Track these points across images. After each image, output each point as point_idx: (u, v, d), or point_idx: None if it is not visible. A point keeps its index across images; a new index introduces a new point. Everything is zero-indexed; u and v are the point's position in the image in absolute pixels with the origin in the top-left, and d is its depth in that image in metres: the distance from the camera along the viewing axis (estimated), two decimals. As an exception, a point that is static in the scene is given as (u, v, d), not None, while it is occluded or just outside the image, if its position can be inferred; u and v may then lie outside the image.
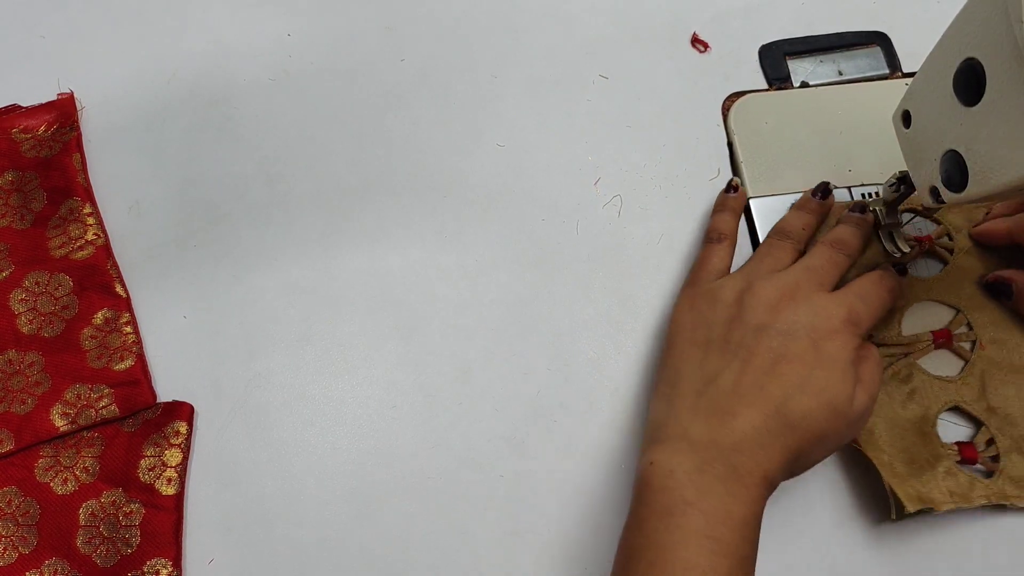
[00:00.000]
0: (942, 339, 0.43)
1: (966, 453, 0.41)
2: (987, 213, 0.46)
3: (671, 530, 0.33)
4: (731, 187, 0.46)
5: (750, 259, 0.43)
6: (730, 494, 0.33)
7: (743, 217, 0.47)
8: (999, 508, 0.41)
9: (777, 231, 0.44)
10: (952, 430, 0.42)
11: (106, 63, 0.50)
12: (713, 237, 0.44)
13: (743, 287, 0.39)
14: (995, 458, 0.41)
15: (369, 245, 0.46)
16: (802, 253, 0.43)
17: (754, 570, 0.34)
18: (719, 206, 0.46)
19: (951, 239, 0.45)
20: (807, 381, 0.36)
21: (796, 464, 0.36)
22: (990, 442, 0.41)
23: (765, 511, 0.35)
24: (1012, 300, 0.43)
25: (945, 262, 0.45)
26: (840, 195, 0.47)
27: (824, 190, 0.45)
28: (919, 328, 0.43)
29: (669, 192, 0.48)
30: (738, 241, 0.47)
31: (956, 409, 0.42)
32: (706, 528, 0.32)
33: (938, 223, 0.46)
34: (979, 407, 0.42)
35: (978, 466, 0.41)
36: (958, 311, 0.44)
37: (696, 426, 0.36)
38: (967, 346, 0.43)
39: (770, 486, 0.35)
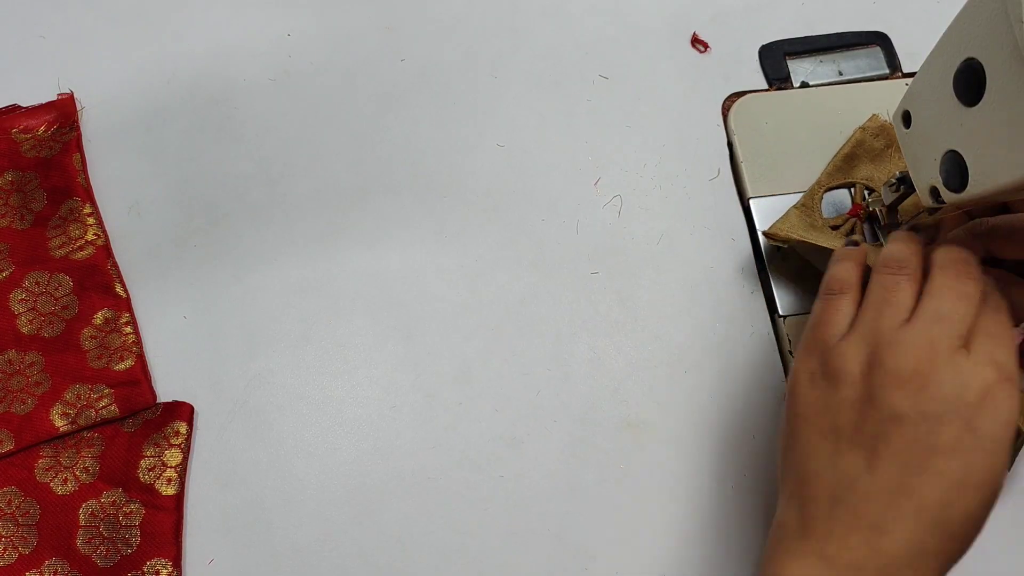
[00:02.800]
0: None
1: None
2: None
3: None
4: (852, 242, 0.40)
5: (865, 305, 0.34)
6: None
7: (743, 218, 0.47)
8: None
9: (886, 261, 0.35)
10: None
11: (106, 63, 0.50)
12: (835, 288, 0.35)
13: (868, 355, 0.32)
14: None
15: (369, 245, 0.46)
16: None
17: None
18: (839, 257, 0.37)
19: None
20: (968, 477, 0.29)
21: (947, 572, 0.31)
22: None
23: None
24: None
25: None
26: (840, 195, 0.47)
27: (918, 228, 0.38)
28: None
29: (669, 192, 0.48)
30: (738, 243, 0.47)
31: None
32: None
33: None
34: None
35: None
36: None
37: (834, 544, 0.30)
38: None
39: None
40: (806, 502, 0.32)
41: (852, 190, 0.47)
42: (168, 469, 0.41)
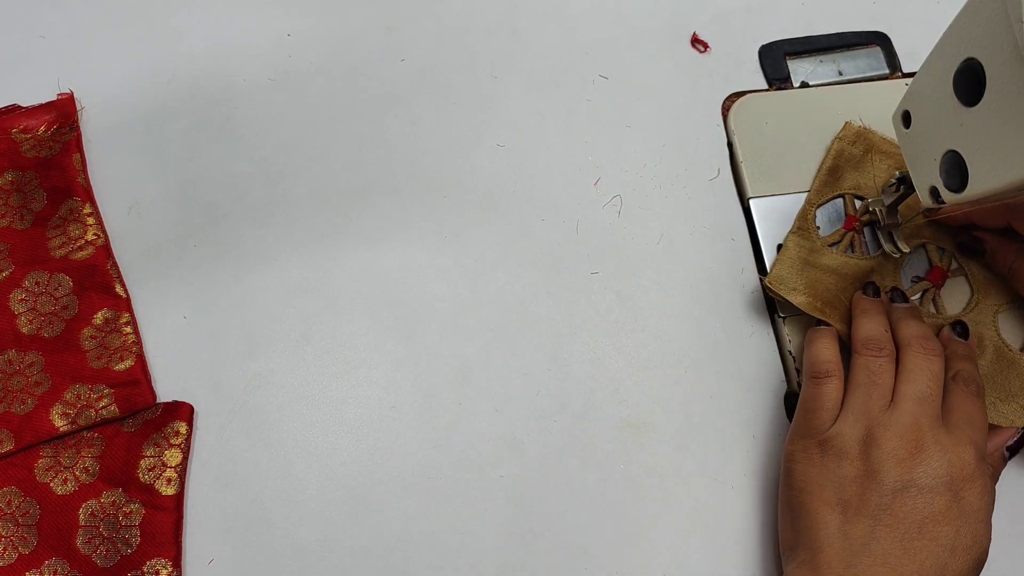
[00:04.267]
0: (938, 280, 0.44)
1: (934, 277, 0.43)
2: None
3: None
4: (820, 322, 0.43)
5: (852, 389, 0.39)
6: None
7: (743, 218, 0.47)
8: None
9: (866, 343, 0.40)
10: None
11: (106, 63, 0.50)
12: (821, 372, 0.40)
13: (863, 435, 0.37)
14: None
15: (369, 245, 0.46)
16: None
17: None
18: (815, 338, 0.42)
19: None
20: (957, 541, 0.34)
21: None
22: None
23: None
24: (985, 258, 0.44)
25: (969, 283, 0.45)
26: (836, 203, 0.47)
27: (874, 289, 0.43)
28: None
29: (669, 192, 0.48)
30: (738, 243, 0.47)
31: None
32: None
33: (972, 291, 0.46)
34: None
35: None
36: None
37: None
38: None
39: None
40: (820, 567, 0.35)
41: (844, 199, 0.47)
42: (168, 469, 0.41)
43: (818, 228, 0.46)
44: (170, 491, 0.40)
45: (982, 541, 0.35)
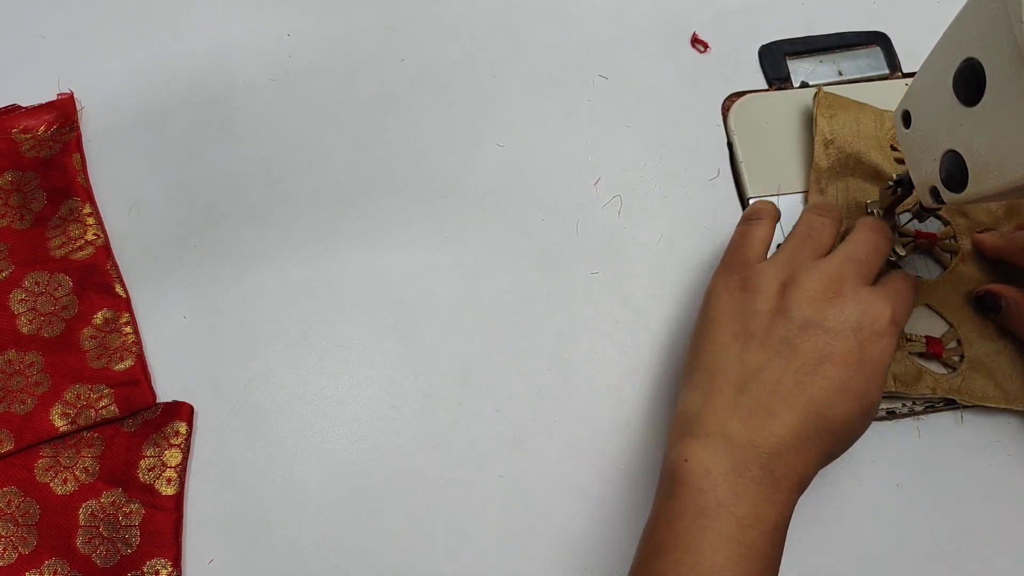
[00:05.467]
0: (934, 351, 0.43)
1: (932, 347, 0.43)
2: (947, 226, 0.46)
3: (702, 531, 0.33)
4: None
5: (788, 239, 0.40)
6: (764, 499, 0.33)
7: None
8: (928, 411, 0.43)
9: (815, 205, 0.42)
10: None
11: (106, 63, 0.50)
12: (753, 215, 0.42)
13: (785, 277, 0.38)
14: (961, 357, 0.43)
15: (369, 245, 0.46)
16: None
17: (778, 572, 0.34)
18: (755, 203, 0.44)
19: (956, 241, 0.45)
20: (849, 385, 0.35)
21: (826, 464, 0.36)
22: (958, 342, 0.43)
23: None
24: (1000, 315, 0.43)
25: (945, 266, 0.45)
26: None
27: None
28: (910, 328, 0.44)
29: (669, 192, 0.48)
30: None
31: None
32: (738, 533, 0.32)
33: (946, 223, 0.46)
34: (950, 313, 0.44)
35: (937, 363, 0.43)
36: (951, 325, 0.44)
37: (734, 424, 0.35)
38: (956, 358, 0.43)
39: (802, 489, 0.35)
40: (711, 391, 0.36)
41: (939, 217, 0.47)
42: (168, 469, 0.41)
43: None
44: (170, 491, 0.40)
45: (872, 394, 0.36)
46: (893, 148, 0.47)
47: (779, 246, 0.41)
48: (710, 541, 0.32)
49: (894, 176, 0.42)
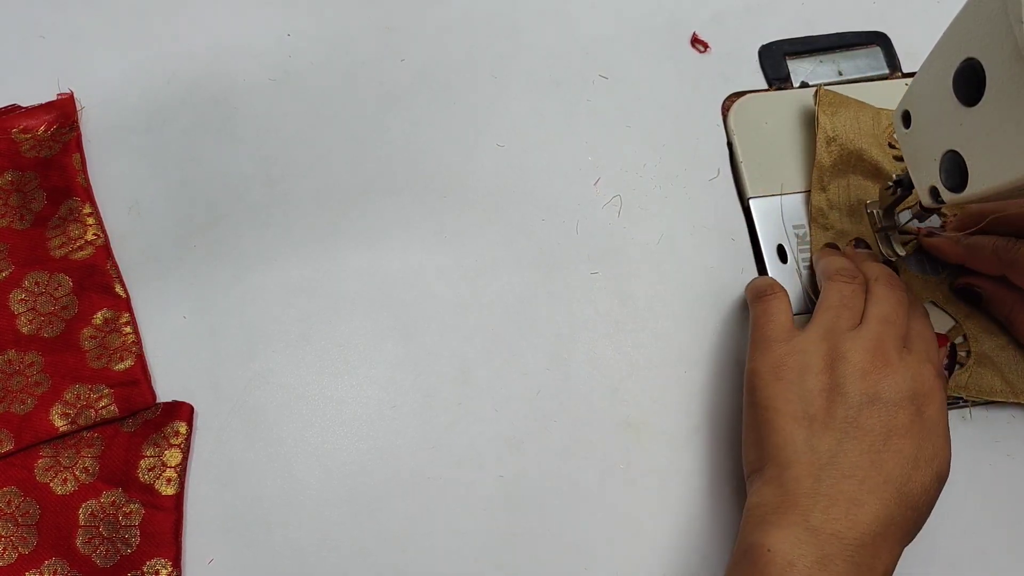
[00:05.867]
0: (941, 345, 0.43)
1: (939, 343, 0.42)
2: (942, 225, 0.46)
3: None
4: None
5: (822, 309, 0.40)
6: None
7: (743, 218, 0.47)
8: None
9: (840, 271, 0.41)
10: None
11: (106, 63, 0.50)
12: (767, 291, 0.41)
13: (829, 350, 0.37)
14: (968, 353, 0.43)
15: (369, 245, 0.46)
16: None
17: None
18: (756, 279, 0.44)
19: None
20: (920, 453, 0.35)
21: (907, 545, 0.35)
22: (964, 338, 0.44)
23: None
24: (982, 305, 0.43)
25: (946, 263, 0.45)
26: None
27: (862, 245, 0.45)
28: None
29: (669, 192, 0.48)
30: (738, 243, 0.47)
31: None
32: None
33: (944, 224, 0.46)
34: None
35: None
36: (956, 321, 0.44)
37: (817, 515, 0.34)
38: (963, 353, 0.44)
39: (889, 575, 0.34)
40: (788, 482, 0.35)
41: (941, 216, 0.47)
42: (168, 469, 0.41)
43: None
44: (170, 491, 0.40)
45: (942, 454, 0.36)
46: (891, 146, 0.47)
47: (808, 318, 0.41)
48: None
49: (894, 175, 0.42)
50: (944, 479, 0.36)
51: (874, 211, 0.45)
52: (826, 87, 0.48)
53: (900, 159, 0.46)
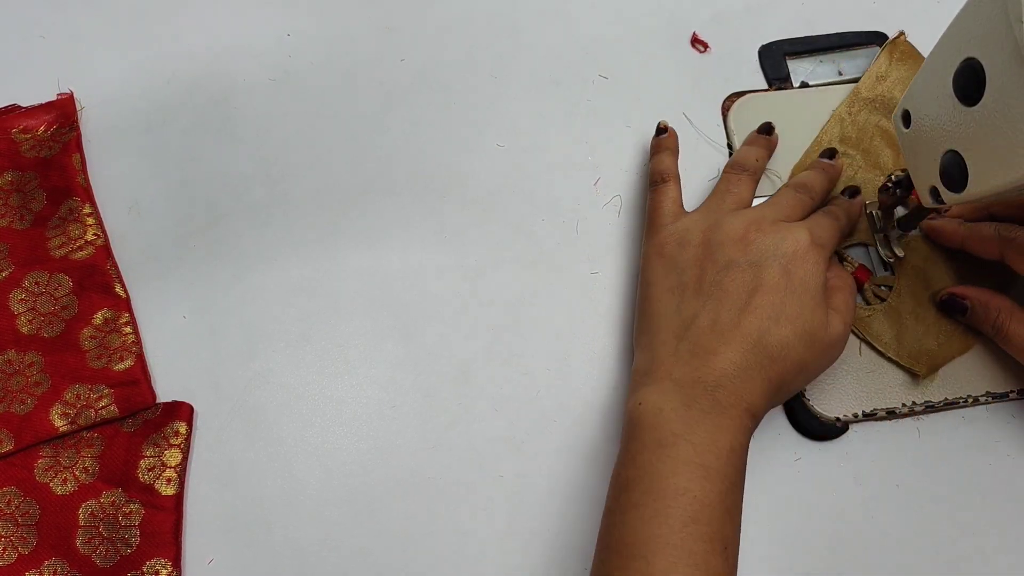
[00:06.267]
0: (860, 277, 0.44)
1: (860, 273, 0.44)
2: (944, 211, 0.45)
3: (663, 460, 0.34)
4: (661, 129, 0.47)
5: (710, 196, 0.43)
6: (716, 426, 0.35)
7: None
8: None
9: (733, 164, 0.44)
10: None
11: (106, 63, 0.50)
12: (657, 179, 0.45)
13: (709, 225, 0.40)
14: (882, 301, 0.44)
15: (369, 245, 0.46)
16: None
17: (742, 494, 0.36)
18: (655, 148, 0.47)
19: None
20: (781, 311, 0.37)
21: (779, 393, 0.38)
22: (889, 289, 0.44)
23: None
24: (967, 316, 0.43)
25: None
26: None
27: (767, 128, 0.46)
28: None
29: (669, 192, 0.48)
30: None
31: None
32: (695, 456, 0.34)
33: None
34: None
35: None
36: (894, 274, 0.45)
37: (679, 368, 0.37)
38: (878, 298, 0.44)
39: (754, 416, 0.36)
40: (656, 346, 0.39)
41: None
42: (168, 469, 0.41)
43: None
44: (170, 491, 0.40)
45: (807, 315, 0.37)
46: None
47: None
48: (670, 467, 0.34)
49: (892, 176, 0.42)
50: (816, 340, 0.37)
51: (873, 211, 0.45)
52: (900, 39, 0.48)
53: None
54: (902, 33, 0.48)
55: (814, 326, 0.37)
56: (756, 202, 0.45)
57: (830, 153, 0.45)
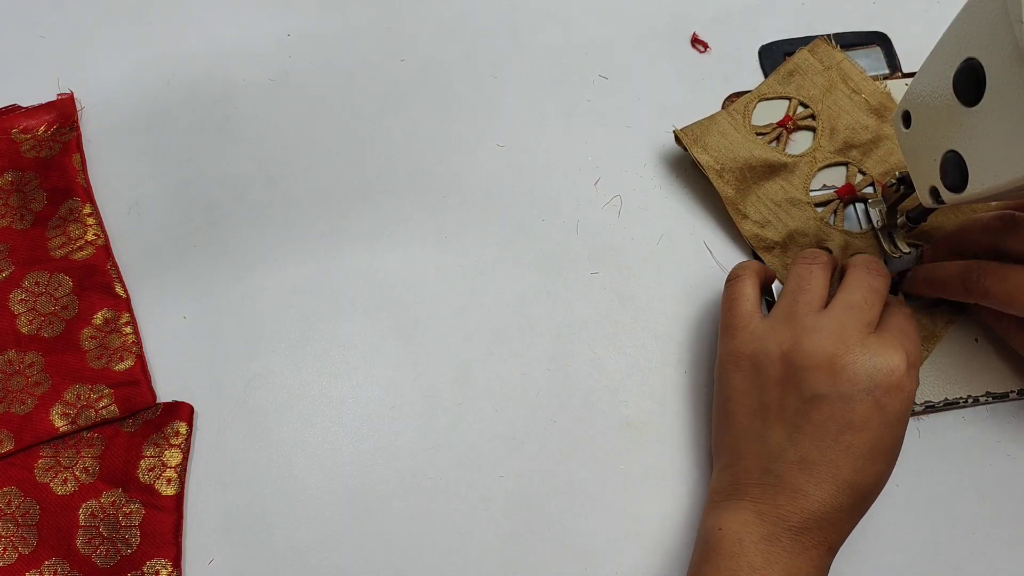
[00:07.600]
0: (842, 193, 0.46)
1: (842, 191, 0.45)
2: (920, 256, 0.44)
3: None
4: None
5: (782, 295, 0.39)
6: (795, 566, 0.34)
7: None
8: None
9: (802, 256, 0.40)
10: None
11: (106, 63, 0.50)
12: (732, 276, 0.41)
13: (784, 338, 0.37)
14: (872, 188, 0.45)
15: (369, 245, 0.46)
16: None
17: None
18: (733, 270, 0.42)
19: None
20: (875, 446, 0.35)
21: (857, 522, 0.36)
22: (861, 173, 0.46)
23: None
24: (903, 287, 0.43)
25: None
26: (835, 172, 0.47)
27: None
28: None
29: (669, 192, 0.48)
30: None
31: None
32: None
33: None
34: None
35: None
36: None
37: (763, 501, 0.35)
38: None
39: (834, 551, 0.35)
40: (739, 473, 0.37)
41: (847, 168, 0.47)
42: (168, 469, 0.41)
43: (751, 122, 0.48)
44: (170, 491, 0.40)
45: (899, 446, 0.36)
46: (758, 134, 0.47)
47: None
48: None
49: (896, 173, 0.42)
50: (895, 459, 0.36)
51: (877, 208, 0.45)
52: (677, 128, 0.47)
53: (777, 140, 0.47)
54: (675, 132, 0.47)
55: (900, 446, 0.36)
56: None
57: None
